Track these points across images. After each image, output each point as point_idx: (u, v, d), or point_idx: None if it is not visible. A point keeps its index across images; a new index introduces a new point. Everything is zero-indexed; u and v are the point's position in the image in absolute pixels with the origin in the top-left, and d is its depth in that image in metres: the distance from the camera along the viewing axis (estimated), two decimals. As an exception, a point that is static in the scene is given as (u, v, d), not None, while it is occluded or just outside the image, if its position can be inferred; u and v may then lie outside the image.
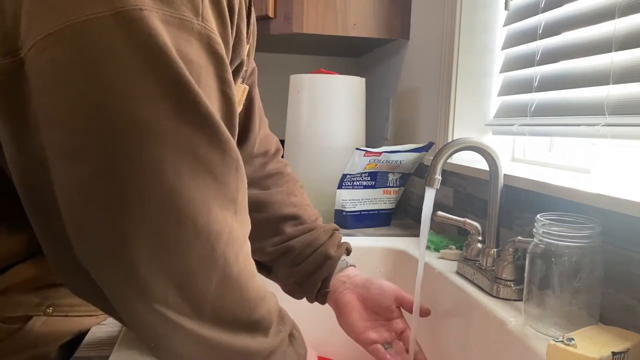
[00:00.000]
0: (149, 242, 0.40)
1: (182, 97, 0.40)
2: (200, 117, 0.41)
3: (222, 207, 0.43)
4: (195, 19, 0.42)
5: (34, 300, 0.55)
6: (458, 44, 1.12)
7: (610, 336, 0.55)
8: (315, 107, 1.30)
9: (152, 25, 0.39)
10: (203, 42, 0.42)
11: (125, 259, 0.40)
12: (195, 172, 0.41)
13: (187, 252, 0.41)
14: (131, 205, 0.39)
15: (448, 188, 1.13)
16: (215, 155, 0.42)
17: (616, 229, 0.63)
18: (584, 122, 0.78)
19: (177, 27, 0.40)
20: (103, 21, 0.38)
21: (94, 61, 0.38)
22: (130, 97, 0.39)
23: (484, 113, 1.13)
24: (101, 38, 0.38)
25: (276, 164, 0.83)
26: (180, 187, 0.40)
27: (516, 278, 0.74)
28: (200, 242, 0.41)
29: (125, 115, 0.38)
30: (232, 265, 0.44)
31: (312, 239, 0.77)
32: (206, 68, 0.43)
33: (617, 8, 0.71)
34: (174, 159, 0.40)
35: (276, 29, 1.41)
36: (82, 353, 0.57)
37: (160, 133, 0.39)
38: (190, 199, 0.40)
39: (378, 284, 0.77)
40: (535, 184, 0.75)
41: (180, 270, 0.41)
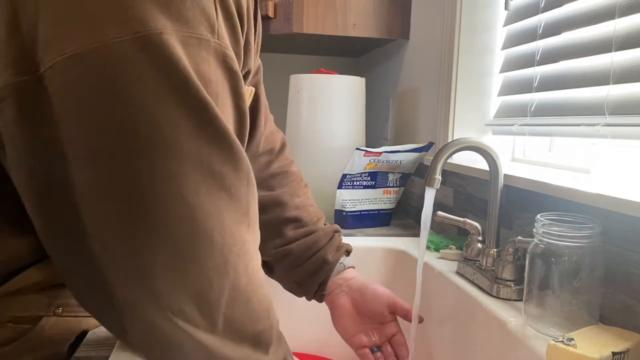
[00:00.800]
0: (167, 254, 0.41)
1: (202, 118, 0.41)
2: (218, 135, 0.42)
3: (235, 221, 0.44)
4: (212, 37, 0.43)
5: (44, 300, 0.55)
6: (458, 43, 1.12)
7: (610, 336, 0.55)
8: (315, 107, 1.30)
9: (172, 49, 0.40)
10: (219, 59, 0.44)
11: (142, 268, 0.42)
12: (212, 187, 0.42)
13: (203, 264, 0.42)
14: (151, 219, 0.41)
15: (448, 188, 1.13)
16: (229, 171, 0.44)
17: (616, 229, 0.63)
18: (584, 122, 0.78)
19: (196, 47, 0.42)
20: (124, 45, 0.39)
21: (116, 86, 0.39)
22: (153, 120, 0.40)
23: (484, 113, 1.13)
24: (123, 62, 0.39)
25: (281, 162, 0.83)
26: (198, 202, 0.41)
27: (516, 278, 0.74)
28: (214, 255, 0.43)
29: (148, 137, 0.40)
30: (241, 276, 0.45)
31: (312, 243, 0.78)
32: (222, 85, 0.44)
33: (617, 8, 0.71)
34: (193, 176, 0.41)
35: (276, 29, 1.41)
36: (82, 353, 0.57)
37: (181, 151, 0.41)
38: (207, 213, 0.42)
39: (372, 290, 0.78)
40: (535, 184, 0.75)
41: (195, 280, 0.43)
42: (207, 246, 0.42)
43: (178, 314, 0.42)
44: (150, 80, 0.39)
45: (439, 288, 0.88)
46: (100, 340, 0.60)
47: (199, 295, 0.43)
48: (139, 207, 0.41)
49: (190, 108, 0.41)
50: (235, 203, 0.44)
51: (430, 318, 0.89)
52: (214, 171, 0.42)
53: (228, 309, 0.44)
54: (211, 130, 0.42)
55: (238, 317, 0.46)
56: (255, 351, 0.48)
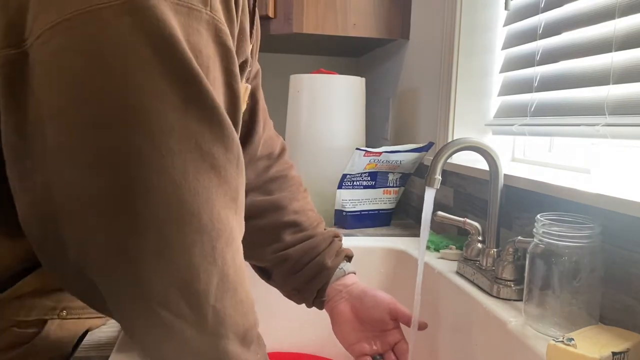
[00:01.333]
0: (153, 236, 0.39)
1: (190, 89, 0.39)
2: (208, 111, 0.40)
3: (224, 205, 0.42)
4: (204, 9, 0.41)
5: (48, 304, 0.55)
6: (458, 44, 1.12)
7: (610, 336, 0.55)
8: (315, 107, 1.30)
9: (162, 14, 0.38)
10: (211, 32, 0.42)
11: (127, 252, 0.39)
12: (200, 167, 0.40)
13: (189, 249, 0.40)
14: (136, 197, 0.39)
15: (448, 188, 1.13)
16: (219, 150, 0.41)
17: (616, 229, 0.63)
18: (584, 122, 0.78)
19: (186, 16, 0.40)
20: (112, 10, 0.37)
21: (99, 50, 0.38)
22: (137, 87, 0.38)
23: (484, 113, 1.13)
24: (109, 27, 0.37)
25: (280, 166, 0.82)
26: (185, 181, 0.39)
27: (516, 278, 0.74)
28: (203, 240, 0.40)
29: (131, 105, 0.38)
30: (229, 266, 0.43)
31: (310, 248, 0.76)
32: (214, 59, 0.42)
33: (617, 8, 0.71)
34: (180, 152, 0.39)
35: (276, 29, 1.41)
36: (82, 353, 0.57)
37: (166, 124, 0.38)
38: (195, 194, 0.39)
39: (373, 296, 0.75)
40: (535, 184, 0.75)
41: (182, 268, 0.40)
42: (194, 230, 0.40)
43: (163, 306, 0.40)
44: (133, 45, 0.38)
45: (439, 288, 0.88)
46: (100, 340, 0.60)
47: (185, 285, 0.40)
48: (122, 184, 0.38)
49: (177, 78, 0.39)
50: (224, 186, 0.42)
51: (430, 318, 0.89)
52: (202, 149, 0.40)
53: (217, 301, 0.42)
54: (201, 104, 0.40)
55: (228, 310, 0.43)
56: (242, 348, 0.45)
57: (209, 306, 0.42)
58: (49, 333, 0.55)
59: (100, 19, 0.37)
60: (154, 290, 0.40)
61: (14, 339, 0.54)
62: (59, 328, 0.56)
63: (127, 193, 0.39)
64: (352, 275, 0.79)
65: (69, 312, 0.56)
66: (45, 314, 0.55)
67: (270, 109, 0.86)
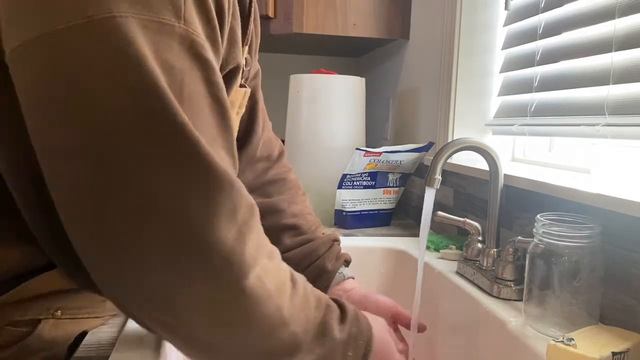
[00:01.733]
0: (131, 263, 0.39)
1: (151, 107, 0.38)
2: (170, 126, 0.38)
3: (219, 224, 0.40)
4: (177, 22, 0.40)
5: (43, 304, 0.55)
6: (458, 44, 1.12)
7: (610, 336, 0.55)
8: (315, 107, 1.30)
9: (126, 33, 0.38)
10: (185, 45, 0.41)
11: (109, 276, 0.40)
12: (180, 190, 0.39)
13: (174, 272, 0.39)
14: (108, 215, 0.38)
15: (448, 188, 1.13)
16: (195, 168, 0.39)
17: (616, 229, 0.63)
18: (584, 122, 0.78)
19: (156, 32, 0.39)
20: (76, 30, 0.37)
21: (67, 72, 0.38)
22: (105, 108, 0.38)
23: (484, 113, 1.13)
24: (69, 49, 0.37)
25: (279, 169, 0.82)
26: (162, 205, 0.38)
27: (516, 278, 0.74)
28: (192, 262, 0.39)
29: (99, 123, 0.37)
30: (231, 287, 0.41)
31: (310, 251, 0.76)
32: (189, 73, 0.41)
33: (617, 8, 0.71)
34: (150, 170, 0.38)
35: (276, 29, 1.41)
36: (82, 353, 0.57)
37: (132, 142, 0.38)
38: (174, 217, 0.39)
39: (374, 301, 0.75)
40: (535, 184, 0.75)
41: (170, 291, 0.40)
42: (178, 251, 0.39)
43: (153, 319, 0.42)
44: (98, 67, 0.37)
45: (439, 288, 0.88)
46: (100, 340, 0.60)
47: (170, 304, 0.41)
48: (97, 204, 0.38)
49: (139, 96, 0.38)
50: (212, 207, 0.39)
51: (430, 318, 0.89)
52: (173, 165, 0.39)
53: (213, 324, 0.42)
54: (161, 119, 0.38)
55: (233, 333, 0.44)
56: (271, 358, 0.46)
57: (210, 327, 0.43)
58: (43, 332, 0.55)
59: (66, 41, 0.37)
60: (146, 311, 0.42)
61: (8, 337, 0.54)
62: (53, 328, 0.56)
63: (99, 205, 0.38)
64: (350, 280, 0.78)
65: (64, 312, 0.56)
66: (40, 314, 0.55)
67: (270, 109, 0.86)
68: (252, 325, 0.43)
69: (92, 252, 0.40)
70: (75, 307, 0.57)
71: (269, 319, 0.44)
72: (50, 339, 0.56)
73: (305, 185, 1.27)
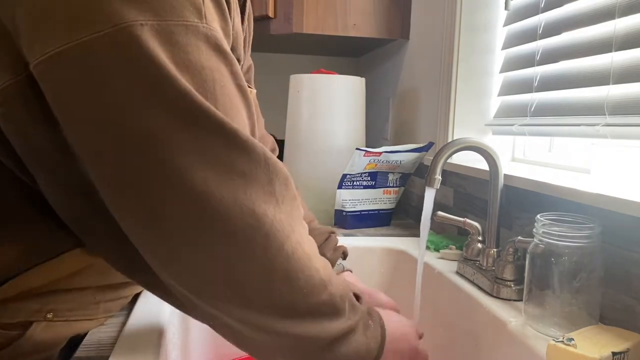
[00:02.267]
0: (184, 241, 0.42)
1: (187, 108, 0.40)
2: (212, 123, 0.41)
3: (257, 200, 0.44)
4: (200, 22, 0.42)
5: (34, 306, 0.54)
6: (458, 44, 1.12)
7: (610, 336, 0.55)
8: (315, 107, 1.30)
9: (149, 41, 0.39)
10: (211, 44, 0.43)
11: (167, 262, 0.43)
12: (222, 174, 0.42)
13: (223, 250, 0.43)
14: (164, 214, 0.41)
15: (448, 188, 1.13)
16: (238, 156, 0.43)
17: (616, 229, 0.63)
18: (584, 122, 0.78)
19: (184, 35, 0.41)
20: (102, 41, 0.38)
21: (97, 83, 0.39)
22: (138, 114, 0.39)
23: (484, 113, 1.13)
24: (101, 59, 0.39)
25: None
26: (207, 189, 0.41)
27: (516, 278, 0.74)
28: (237, 237, 0.43)
29: (137, 131, 0.40)
30: (274, 255, 0.44)
31: None
32: (218, 70, 0.43)
33: (617, 8, 0.71)
34: (197, 165, 0.41)
35: (276, 29, 1.41)
36: (82, 353, 0.57)
37: (175, 143, 0.40)
38: (220, 199, 0.41)
39: (375, 300, 0.74)
40: (535, 184, 0.75)
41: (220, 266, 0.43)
42: (227, 232, 0.42)
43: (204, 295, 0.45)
44: (125, 77, 0.39)
45: (439, 288, 0.88)
46: (100, 340, 0.60)
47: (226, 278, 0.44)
48: (149, 205, 0.41)
49: (171, 100, 0.40)
50: (253, 185, 0.43)
51: (430, 318, 0.89)
52: (219, 158, 0.42)
53: (263, 289, 0.45)
54: (202, 119, 0.41)
55: (278, 294, 0.46)
56: (315, 321, 0.48)
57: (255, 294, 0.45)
58: (34, 335, 0.54)
59: (93, 52, 0.39)
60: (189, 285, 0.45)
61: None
62: (44, 330, 0.55)
63: (153, 212, 0.41)
64: (348, 272, 0.79)
65: (56, 314, 0.55)
66: (31, 316, 0.54)
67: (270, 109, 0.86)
68: (296, 286, 0.46)
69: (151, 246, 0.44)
70: (67, 309, 0.56)
71: (311, 280, 0.47)
72: (42, 341, 0.55)
73: (305, 185, 1.28)
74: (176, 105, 0.40)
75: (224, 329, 0.49)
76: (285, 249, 0.45)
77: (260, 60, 1.96)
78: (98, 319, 0.61)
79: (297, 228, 0.47)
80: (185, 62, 0.41)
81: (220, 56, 0.44)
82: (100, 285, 0.58)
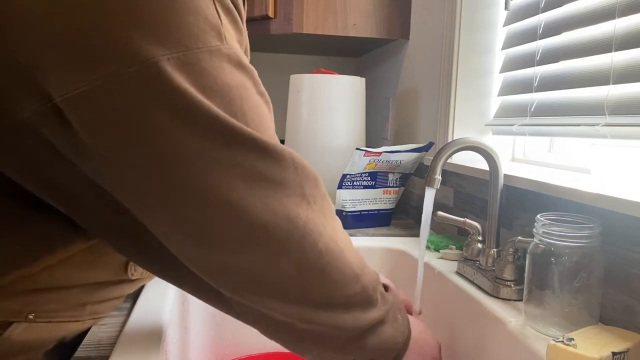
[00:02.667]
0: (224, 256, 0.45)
1: (220, 131, 0.42)
2: (244, 141, 0.44)
3: (290, 204, 0.46)
4: (222, 44, 0.43)
5: (13, 306, 0.53)
6: (458, 43, 1.12)
7: (610, 336, 0.55)
8: (315, 107, 1.30)
9: (175, 74, 0.40)
10: (234, 62, 0.44)
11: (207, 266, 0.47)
12: (256, 186, 0.44)
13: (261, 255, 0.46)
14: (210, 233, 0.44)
15: (448, 188, 1.13)
16: (270, 166, 0.45)
17: (616, 229, 0.63)
18: (584, 122, 0.78)
19: (209, 60, 0.42)
20: (131, 77, 0.39)
21: (130, 117, 0.40)
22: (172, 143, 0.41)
23: (484, 113, 1.13)
24: (132, 95, 0.40)
25: None
26: (244, 202, 0.44)
27: (516, 278, 0.74)
28: (276, 242, 0.46)
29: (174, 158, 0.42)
30: (309, 253, 0.47)
31: None
32: (244, 85, 0.45)
33: (617, 8, 0.71)
34: (232, 181, 0.43)
35: (276, 29, 1.41)
36: (82, 353, 0.57)
37: (211, 165, 0.42)
38: (254, 209, 0.44)
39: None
40: (535, 184, 0.75)
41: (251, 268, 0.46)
42: (261, 238, 0.45)
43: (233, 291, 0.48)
44: (157, 109, 0.40)
45: (439, 288, 0.88)
46: (100, 340, 0.60)
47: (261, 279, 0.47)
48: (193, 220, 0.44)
49: (203, 127, 0.42)
50: (284, 189, 0.46)
51: (430, 318, 0.89)
52: (251, 171, 0.44)
53: (300, 284, 0.48)
54: (234, 138, 0.43)
55: (315, 288, 0.49)
56: (348, 312, 0.51)
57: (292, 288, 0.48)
58: (12, 336, 0.53)
59: (120, 91, 0.40)
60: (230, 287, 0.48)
61: None
62: (24, 332, 0.54)
63: (201, 226, 0.44)
64: None
65: (38, 315, 0.54)
66: (11, 317, 0.53)
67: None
68: (330, 279, 0.49)
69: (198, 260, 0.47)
70: (49, 310, 0.55)
71: (345, 273, 0.50)
72: (21, 342, 0.54)
73: (305, 185, 1.28)
74: (209, 130, 0.42)
75: (260, 322, 0.52)
76: (319, 247, 0.48)
77: (260, 60, 1.96)
78: (84, 321, 0.59)
79: (329, 224, 0.50)
80: (213, 87, 0.42)
81: (242, 71, 0.46)
82: (88, 283, 0.57)
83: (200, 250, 0.45)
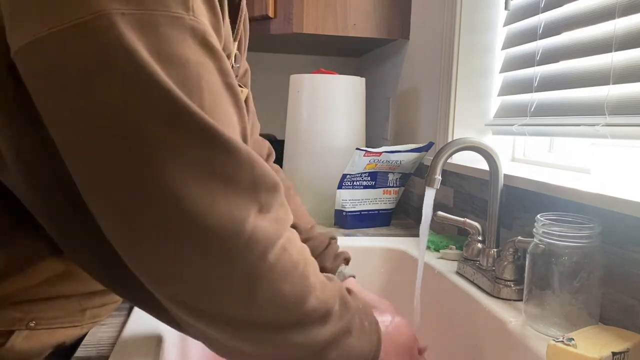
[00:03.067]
0: (156, 249, 0.40)
1: (168, 105, 0.38)
2: (193, 122, 0.39)
3: (238, 205, 0.41)
4: (187, 14, 0.40)
5: (15, 315, 0.53)
6: (458, 43, 1.12)
7: (610, 336, 0.55)
8: (315, 107, 1.30)
9: (128, 32, 0.37)
10: (198, 37, 0.41)
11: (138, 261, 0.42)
12: (200, 176, 0.39)
13: (199, 257, 0.40)
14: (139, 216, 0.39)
15: (448, 188, 1.13)
16: (220, 158, 0.40)
17: (616, 229, 0.63)
18: (584, 122, 0.78)
19: (169, 26, 0.39)
20: (80, 28, 0.37)
21: (74, 74, 0.38)
22: (115, 109, 0.38)
23: (484, 113, 1.13)
24: (79, 48, 0.37)
25: None
26: (185, 192, 0.39)
27: (516, 278, 0.74)
28: (214, 244, 0.40)
29: (113, 126, 0.38)
30: (257, 264, 0.42)
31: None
32: (205, 64, 0.41)
33: (617, 8, 0.71)
34: (174, 166, 0.39)
35: (276, 29, 1.41)
36: (82, 353, 0.57)
37: (153, 140, 0.38)
38: (196, 202, 0.39)
39: (376, 305, 0.72)
40: (535, 184, 0.75)
41: (192, 276, 0.41)
42: (201, 238, 0.40)
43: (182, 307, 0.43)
44: (103, 69, 0.37)
45: (439, 288, 0.88)
46: (100, 340, 0.60)
47: (198, 288, 0.41)
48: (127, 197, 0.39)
49: (150, 97, 0.38)
50: (234, 188, 0.41)
51: (430, 318, 0.89)
52: (198, 159, 0.39)
53: (244, 300, 0.42)
54: (184, 117, 0.39)
55: (263, 304, 0.43)
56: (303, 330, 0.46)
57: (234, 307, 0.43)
58: (14, 344, 0.53)
59: (70, 41, 0.37)
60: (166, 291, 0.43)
61: None
62: (26, 339, 0.54)
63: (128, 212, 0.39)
64: (351, 279, 0.77)
65: (38, 322, 0.54)
66: (12, 325, 0.53)
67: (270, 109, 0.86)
68: (280, 295, 0.44)
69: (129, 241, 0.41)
70: (50, 317, 0.55)
71: (297, 287, 0.45)
72: (23, 350, 0.54)
73: (305, 185, 1.28)
74: (156, 101, 0.38)
75: (202, 338, 0.47)
76: (269, 259, 0.42)
77: (260, 60, 1.96)
78: (82, 326, 0.59)
79: (284, 235, 0.45)
80: (169, 55, 0.38)
81: (207, 51, 0.41)
82: (86, 292, 0.57)
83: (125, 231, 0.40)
